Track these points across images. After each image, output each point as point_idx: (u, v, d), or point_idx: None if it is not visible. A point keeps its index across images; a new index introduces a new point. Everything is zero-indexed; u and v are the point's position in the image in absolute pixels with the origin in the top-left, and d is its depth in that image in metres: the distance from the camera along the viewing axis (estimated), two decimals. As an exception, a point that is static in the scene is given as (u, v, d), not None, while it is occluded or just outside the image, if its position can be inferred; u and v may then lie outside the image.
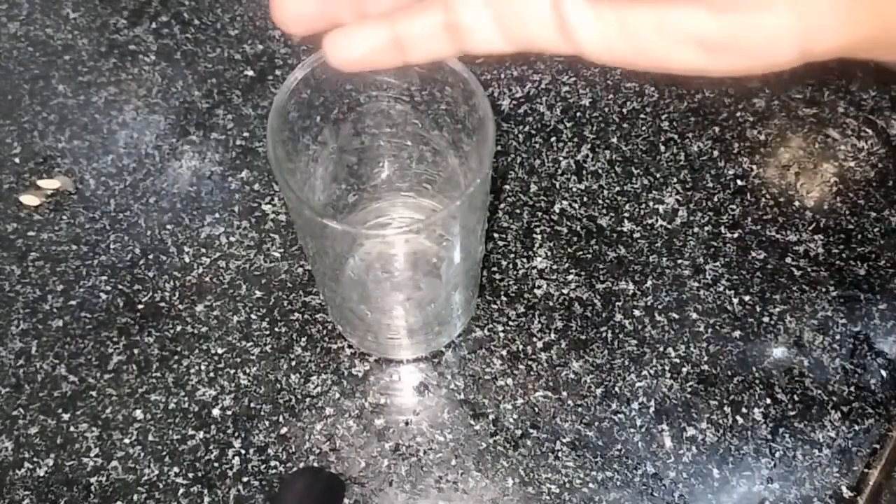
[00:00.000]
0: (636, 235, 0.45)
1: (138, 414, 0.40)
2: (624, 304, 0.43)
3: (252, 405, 0.40)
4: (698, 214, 0.46)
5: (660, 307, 0.43)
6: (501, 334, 0.42)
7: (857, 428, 0.40)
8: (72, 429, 0.39)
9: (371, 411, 0.40)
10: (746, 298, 0.43)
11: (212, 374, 0.41)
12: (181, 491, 0.38)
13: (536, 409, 0.40)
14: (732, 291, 0.43)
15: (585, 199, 0.46)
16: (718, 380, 0.41)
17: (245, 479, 0.38)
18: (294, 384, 0.40)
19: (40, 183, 0.46)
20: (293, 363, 0.41)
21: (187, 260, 0.44)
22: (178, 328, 0.42)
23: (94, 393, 0.40)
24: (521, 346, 0.41)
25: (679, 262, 0.44)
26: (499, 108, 0.49)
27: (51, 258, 0.44)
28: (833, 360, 0.41)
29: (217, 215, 0.45)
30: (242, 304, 0.42)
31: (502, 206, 0.46)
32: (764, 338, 0.42)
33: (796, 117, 0.49)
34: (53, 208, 0.45)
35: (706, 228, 0.45)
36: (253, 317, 0.42)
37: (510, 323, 0.42)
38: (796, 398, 0.40)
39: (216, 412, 0.40)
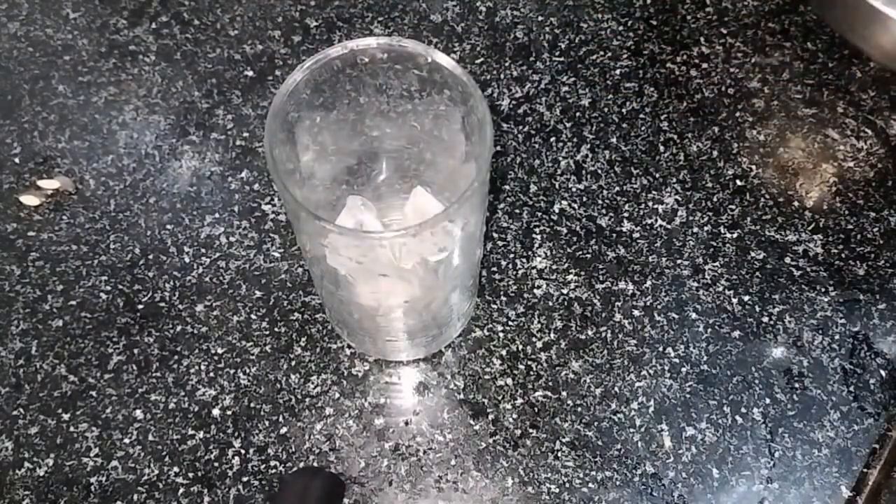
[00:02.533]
0: (636, 235, 0.45)
1: (138, 414, 0.40)
2: (623, 304, 0.43)
3: (252, 405, 0.40)
4: (698, 214, 0.46)
5: (659, 307, 0.43)
6: (501, 334, 0.42)
7: (856, 428, 0.40)
8: (72, 429, 0.39)
9: (371, 411, 0.40)
10: (746, 298, 0.43)
11: (212, 374, 0.41)
12: (181, 491, 0.38)
13: (536, 409, 0.40)
14: (732, 291, 0.43)
15: (585, 199, 0.46)
16: (718, 380, 0.41)
17: (245, 479, 0.38)
18: (294, 384, 0.40)
19: (40, 183, 0.46)
20: (293, 363, 0.41)
21: (187, 260, 0.44)
22: (178, 328, 0.42)
23: (94, 393, 0.40)
24: (520, 346, 0.42)
25: (678, 262, 0.44)
26: (498, 108, 0.49)
27: (51, 258, 0.44)
28: (832, 360, 0.41)
29: (217, 215, 0.45)
30: (242, 304, 0.43)
31: (502, 206, 0.46)
32: (763, 338, 0.42)
33: (796, 117, 0.49)
34: (53, 208, 0.45)
35: (706, 228, 0.45)
36: (253, 317, 0.42)
37: (510, 323, 0.42)
38: (795, 398, 0.40)
39: (216, 412, 0.40)
